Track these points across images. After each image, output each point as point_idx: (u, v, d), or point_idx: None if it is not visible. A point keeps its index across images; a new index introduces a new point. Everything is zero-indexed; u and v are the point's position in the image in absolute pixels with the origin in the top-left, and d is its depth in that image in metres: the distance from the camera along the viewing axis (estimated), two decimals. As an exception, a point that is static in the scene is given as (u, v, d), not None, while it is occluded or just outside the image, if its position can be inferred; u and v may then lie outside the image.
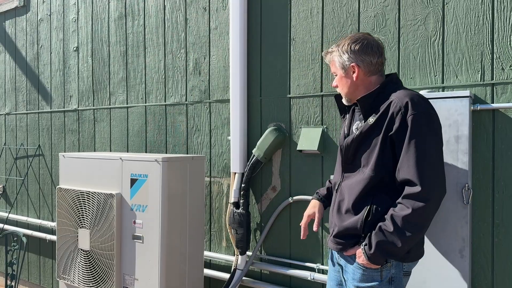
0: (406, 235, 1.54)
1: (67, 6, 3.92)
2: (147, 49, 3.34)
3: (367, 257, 1.60)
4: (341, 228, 1.72)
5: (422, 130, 1.56)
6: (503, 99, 2.02)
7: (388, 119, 1.60)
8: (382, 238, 1.57)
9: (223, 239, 2.97)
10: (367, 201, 1.65)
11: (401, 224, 1.54)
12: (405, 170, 1.56)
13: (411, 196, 1.54)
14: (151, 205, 2.40)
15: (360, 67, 1.72)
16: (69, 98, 3.91)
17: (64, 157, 2.87)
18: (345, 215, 1.72)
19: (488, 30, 2.06)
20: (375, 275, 1.64)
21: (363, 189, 1.66)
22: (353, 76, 1.73)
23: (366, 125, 1.67)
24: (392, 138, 1.60)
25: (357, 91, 1.75)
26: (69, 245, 2.75)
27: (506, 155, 2.01)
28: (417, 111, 1.57)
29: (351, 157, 1.74)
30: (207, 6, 3.02)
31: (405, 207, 1.54)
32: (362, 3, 2.39)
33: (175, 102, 3.18)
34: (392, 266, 1.65)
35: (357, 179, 1.70)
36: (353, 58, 1.72)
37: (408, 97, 1.60)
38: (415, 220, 1.54)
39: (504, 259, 2.02)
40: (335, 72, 1.82)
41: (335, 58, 1.78)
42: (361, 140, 1.69)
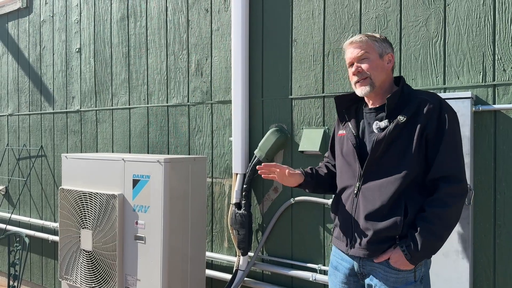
0: (448, 230, 1.58)
1: (69, 8, 3.94)
2: (149, 50, 3.35)
3: (410, 257, 1.56)
4: (377, 230, 1.62)
5: (456, 129, 1.62)
6: (504, 100, 2.02)
7: (424, 117, 1.60)
8: (428, 237, 1.55)
9: (225, 240, 2.97)
10: (401, 201, 1.61)
11: (445, 218, 1.56)
12: (448, 166, 1.58)
13: (453, 191, 1.56)
14: (153, 205, 2.40)
15: (393, 59, 1.76)
16: (71, 99, 3.92)
17: (66, 158, 2.88)
18: (379, 218, 1.63)
19: (490, 31, 2.06)
20: (409, 276, 1.61)
21: (398, 188, 1.60)
22: (388, 65, 1.73)
23: (398, 123, 1.62)
24: (428, 135, 1.60)
25: (385, 82, 1.73)
26: (72, 246, 2.76)
27: (508, 156, 2.01)
28: (450, 111, 1.62)
29: (380, 155, 1.65)
30: (209, 8, 3.03)
31: (447, 203, 1.55)
32: (363, 4, 2.40)
33: (177, 103, 3.19)
34: (423, 265, 1.64)
35: (389, 179, 1.62)
36: (390, 49, 1.75)
37: (438, 98, 1.65)
38: (455, 214, 1.59)
39: (506, 260, 2.02)
40: (367, 55, 1.70)
41: (375, 43, 1.72)
42: (393, 138, 1.63)
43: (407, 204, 1.60)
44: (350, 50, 1.75)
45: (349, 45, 1.75)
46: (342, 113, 1.84)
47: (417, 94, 1.69)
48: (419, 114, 1.61)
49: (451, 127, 1.59)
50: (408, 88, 1.73)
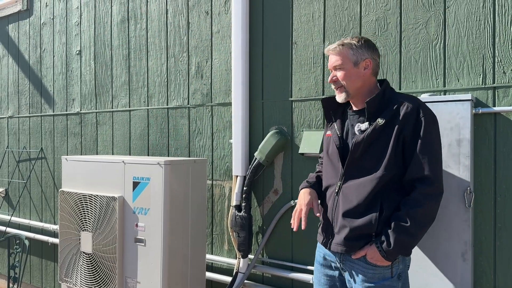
0: (421, 229, 1.65)
1: (70, 10, 3.95)
2: (150, 53, 3.35)
3: (384, 254, 1.64)
4: (353, 227, 1.71)
5: (433, 132, 1.67)
6: (504, 102, 2.03)
7: (401, 120, 1.67)
8: (401, 234, 1.62)
9: (225, 242, 2.97)
10: (377, 199, 1.69)
11: (418, 218, 1.62)
12: (421, 167, 1.64)
13: (427, 192, 1.63)
14: (153, 208, 2.40)
15: (372, 64, 1.78)
16: (71, 101, 3.93)
17: (66, 160, 2.88)
18: (356, 216, 1.71)
19: (490, 34, 2.06)
20: (386, 272, 1.69)
21: (374, 188, 1.68)
22: (364, 71, 1.77)
23: (376, 125, 1.69)
24: (405, 138, 1.67)
25: (362, 88, 1.79)
26: (72, 248, 2.76)
27: (508, 158, 2.01)
28: (427, 114, 1.68)
29: (359, 156, 1.73)
30: (209, 10, 3.03)
31: (420, 202, 1.62)
32: (363, 7, 2.40)
33: (177, 105, 3.19)
34: (400, 262, 1.71)
35: (366, 179, 1.70)
36: (368, 54, 1.77)
37: (417, 101, 1.71)
38: (429, 213, 1.65)
39: (507, 262, 2.02)
40: (340, 65, 1.77)
41: (350, 50, 1.76)
42: (371, 140, 1.71)
43: (383, 203, 1.68)
44: (329, 57, 1.83)
45: (327, 52, 1.84)
46: (330, 114, 1.91)
47: (398, 97, 1.74)
48: (396, 117, 1.68)
49: (427, 130, 1.65)
50: (390, 92, 1.79)
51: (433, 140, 1.67)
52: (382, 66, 2.34)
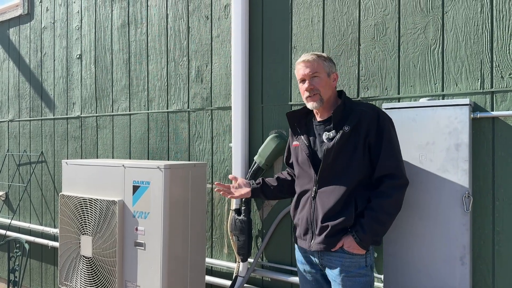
0: (390, 217, 1.87)
1: (70, 14, 3.97)
2: (150, 57, 3.37)
3: (359, 240, 1.83)
4: (333, 225, 1.88)
5: (392, 133, 1.92)
6: (502, 107, 2.04)
7: (365, 126, 1.88)
8: (372, 221, 1.83)
9: (225, 246, 2.97)
10: (351, 198, 1.88)
11: (387, 208, 1.85)
12: (388, 165, 1.86)
13: (394, 185, 1.85)
14: (153, 212, 2.41)
15: (337, 78, 2.04)
16: (72, 105, 3.94)
17: (67, 164, 2.89)
18: (334, 216, 1.88)
19: (487, 39, 2.07)
20: (361, 261, 1.89)
21: (348, 189, 1.88)
22: (333, 83, 2.00)
23: (343, 133, 1.89)
24: (370, 142, 1.88)
25: (330, 97, 2.00)
26: (72, 252, 2.76)
27: (506, 163, 2.02)
28: (386, 119, 1.91)
29: (331, 162, 1.90)
30: (209, 15, 3.05)
31: (389, 194, 1.84)
32: (362, 12, 2.42)
33: (177, 109, 3.21)
34: (371, 253, 1.93)
35: (340, 182, 1.89)
36: (335, 69, 2.03)
37: (375, 108, 1.94)
38: (396, 204, 1.87)
39: (505, 266, 2.03)
40: (317, 74, 1.95)
41: (324, 63, 1.98)
42: (341, 146, 1.89)
43: (357, 200, 1.88)
44: (302, 68, 1.97)
45: (301, 62, 1.98)
46: (295, 126, 2.09)
47: (358, 106, 1.96)
48: (361, 124, 1.88)
49: (388, 133, 1.89)
50: (349, 101, 2.01)
51: (394, 140, 1.91)
52: (380, 71, 2.36)
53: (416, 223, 2.08)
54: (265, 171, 2.76)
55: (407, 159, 2.09)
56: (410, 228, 2.09)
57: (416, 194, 2.08)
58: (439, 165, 2.02)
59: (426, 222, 2.06)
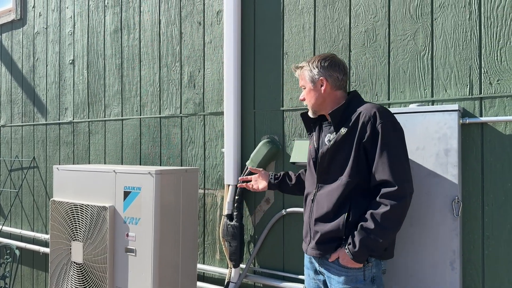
0: (386, 231, 1.72)
1: (63, 20, 3.96)
2: (142, 62, 3.37)
3: (351, 256, 1.73)
4: (323, 232, 1.83)
5: (391, 137, 1.76)
6: (491, 112, 2.06)
7: (360, 129, 1.77)
8: (365, 236, 1.71)
9: (217, 252, 2.96)
10: (346, 205, 1.79)
11: (381, 220, 1.69)
12: (381, 172, 1.72)
13: (389, 194, 1.70)
14: (144, 218, 2.40)
15: (328, 81, 1.90)
16: (64, 110, 3.93)
17: (58, 170, 2.87)
18: (326, 221, 1.83)
19: (476, 45, 2.10)
20: (359, 275, 1.77)
21: (341, 194, 1.79)
22: (321, 89, 1.91)
23: (339, 135, 1.82)
24: (365, 145, 1.77)
25: (324, 103, 1.92)
26: (62, 258, 2.74)
27: (495, 168, 2.04)
28: (384, 120, 1.76)
29: (327, 166, 1.86)
30: (201, 21, 3.06)
31: (383, 205, 1.70)
32: (353, 18, 2.44)
33: (170, 114, 3.21)
34: (373, 265, 1.79)
35: (334, 186, 1.83)
36: (322, 73, 1.90)
37: (374, 108, 1.79)
38: (393, 216, 1.71)
39: (495, 271, 2.04)
40: (303, 85, 1.97)
41: (305, 72, 1.94)
42: (335, 150, 1.83)
43: (351, 208, 1.78)
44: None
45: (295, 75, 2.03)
46: (310, 126, 2.04)
47: (360, 106, 1.84)
48: (356, 126, 1.79)
49: (385, 136, 1.73)
50: (356, 102, 1.89)
51: (393, 145, 1.74)
52: (371, 77, 2.37)
53: (407, 228, 2.09)
54: (257, 177, 2.76)
55: (397, 164, 2.10)
56: (401, 233, 2.09)
57: (406, 199, 2.08)
58: (428, 170, 2.03)
59: (417, 227, 2.06)
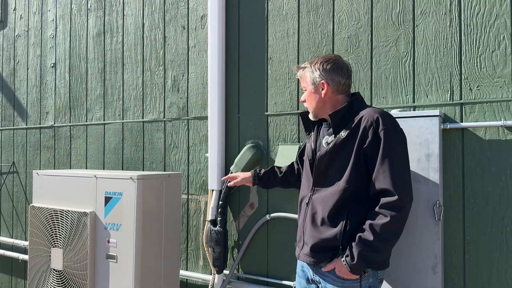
0: (386, 242, 1.64)
1: (45, 23, 3.90)
2: (125, 66, 3.34)
3: (349, 268, 1.65)
4: (318, 240, 1.74)
5: (393, 144, 1.67)
6: (471, 118, 2.09)
7: (361, 133, 1.69)
8: (363, 248, 1.62)
9: (200, 258, 2.93)
10: (343, 212, 1.71)
11: (381, 232, 1.61)
12: (382, 181, 1.64)
13: (389, 205, 1.62)
14: (126, 223, 2.36)
15: (329, 84, 1.82)
16: (45, 114, 3.86)
17: (38, 175, 2.82)
18: (321, 228, 1.75)
19: (456, 52, 2.13)
20: (355, 285, 1.70)
21: (337, 201, 1.71)
22: (322, 92, 1.83)
23: (339, 139, 1.74)
24: (365, 151, 1.69)
25: (324, 107, 1.84)
26: (42, 265, 2.68)
27: (475, 173, 2.07)
28: (387, 126, 1.68)
29: (324, 170, 1.79)
30: (185, 25, 3.04)
31: (383, 216, 1.62)
32: (336, 24, 2.46)
33: (153, 119, 3.17)
34: (370, 275, 1.71)
35: (331, 191, 1.74)
36: (323, 76, 1.82)
37: (377, 113, 1.71)
38: (393, 227, 1.63)
39: (475, 275, 2.06)
40: (305, 87, 1.90)
41: (307, 73, 1.87)
42: (334, 153, 1.76)
43: (348, 217, 1.69)
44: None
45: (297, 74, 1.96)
46: (309, 126, 1.97)
47: (362, 109, 1.77)
48: (357, 130, 1.70)
49: (387, 143, 1.65)
50: (359, 104, 1.82)
51: (394, 152, 1.66)
52: (354, 82, 2.38)
53: (389, 233, 2.09)
54: (241, 182, 2.74)
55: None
56: (383, 238, 2.10)
57: (389, 204, 2.09)
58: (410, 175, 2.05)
59: (399, 231, 2.07)
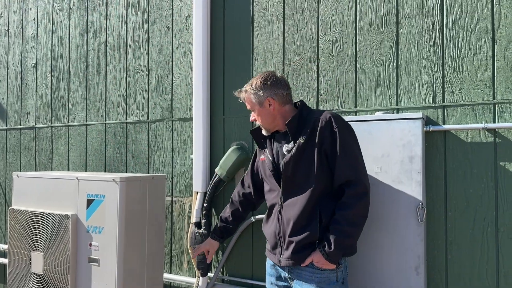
0: (356, 227, 1.82)
1: (26, 22, 3.83)
2: (108, 66, 3.29)
3: (327, 256, 1.78)
4: (298, 240, 1.84)
5: (347, 139, 1.85)
6: (453, 120, 2.12)
7: (318, 134, 1.84)
8: (338, 235, 1.77)
9: (184, 261, 2.91)
10: (315, 210, 1.84)
11: (351, 218, 1.79)
12: (343, 174, 1.81)
13: (354, 193, 1.80)
14: (108, 226, 2.32)
15: (274, 99, 1.96)
16: (26, 115, 3.78)
17: (18, 177, 2.75)
18: (299, 230, 1.85)
19: (439, 55, 2.16)
20: (332, 276, 1.83)
21: (309, 201, 1.84)
22: (270, 108, 1.96)
23: (299, 144, 1.87)
24: (326, 151, 1.84)
25: (276, 120, 1.98)
26: (21, 269, 2.62)
27: (457, 175, 2.10)
28: (339, 124, 1.85)
29: (291, 175, 1.89)
30: (170, 25, 3.02)
31: (350, 204, 1.79)
32: (321, 27, 2.47)
33: (137, 120, 3.14)
34: (343, 267, 1.87)
35: (301, 194, 1.86)
36: (267, 93, 1.95)
37: (329, 114, 1.88)
38: (360, 212, 1.82)
39: (457, 275, 2.09)
40: (252, 107, 2.01)
41: (251, 96, 1.98)
42: (298, 158, 1.87)
43: (321, 212, 1.83)
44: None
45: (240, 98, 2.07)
46: (261, 142, 2.08)
47: (313, 114, 1.92)
48: (315, 133, 1.85)
49: (342, 139, 1.82)
50: (307, 110, 1.97)
51: (350, 146, 1.84)
52: (338, 85, 2.40)
53: (373, 234, 2.11)
54: (226, 183, 2.73)
55: (364, 171, 2.13)
56: (367, 239, 2.12)
57: (373, 206, 2.10)
58: (394, 177, 2.07)
59: (383, 233, 2.09)
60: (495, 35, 2.05)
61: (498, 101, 2.03)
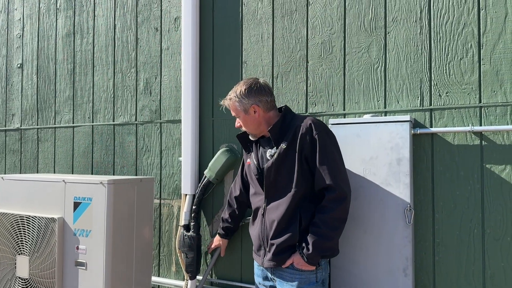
0: (335, 230, 1.87)
1: (11, 22, 3.77)
2: (96, 68, 3.26)
3: (306, 258, 1.83)
4: (279, 243, 1.91)
5: (327, 145, 1.89)
6: (440, 123, 2.14)
7: (299, 141, 1.89)
8: (317, 238, 1.83)
9: (173, 264, 2.89)
10: (296, 213, 1.89)
11: (330, 222, 1.84)
12: (323, 179, 1.85)
13: (333, 198, 1.84)
14: (96, 229, 2.30)
15: (259, 106, 2.00)
16: (11, 116, 3.72)
17: (2, 179, 2.70)
18: (280, 232, 1.91)
19: (426, 59, 2.18)
20: (311, 277, 1.89)
21: (290, 204, 1.89)
22: (255, 115, 2.00)
23: (281, 149, 1.92)
24: (306, 155, 1.89)
25: (261, 126, 2.02)
26: (6, 273, 2.57)
27: (444, 177, 2.12)
28: (319, 130, 1.89)
29: (274, 179, 1.94)
30: (158, 27, 3.00)
31: (330, 208, 1.84)
32: (310, 30, 2.48)
33: (124, 121, 3.11)
34: (323, 269, 1.92)
35: (283, 198, 1.91)
36: (252, 100, 1.99)
37: (309, 120, 1.92)
38: (339, 215, 1.86)
39: (445, 276, 2.11)
40: (237, 115, 2.04)
41: (236, 103, 2.01)
42: (279, 163, 1.92)
43: (301, 215, 1.89)
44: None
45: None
46: (247, 146, 2.13)
47: (295, 120, 1.97)
48: (296, 139, 1.90)
49: (323, 145, 1.87)
50: (290, 116, 2.01)
51: (330, 151, 1.88)
52: (327, 87, 2.41)
53: (361, 236, 2.12)
54: (215, 186, 2.72)
55: (353, 172, 2.14)
56: (355, 241, 2.13)
57: (361, 208, 2.13)
58: (382, 179, 2.08)
59: (371, 235, 2.11)
60: (481, 39, 2.08)
61: (484, 104, 2.06)
